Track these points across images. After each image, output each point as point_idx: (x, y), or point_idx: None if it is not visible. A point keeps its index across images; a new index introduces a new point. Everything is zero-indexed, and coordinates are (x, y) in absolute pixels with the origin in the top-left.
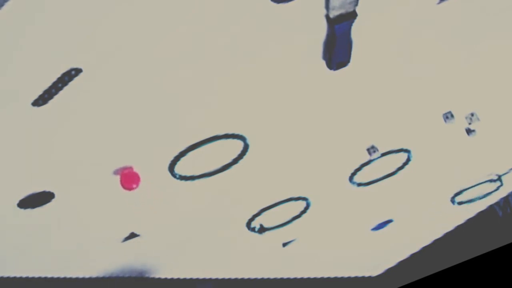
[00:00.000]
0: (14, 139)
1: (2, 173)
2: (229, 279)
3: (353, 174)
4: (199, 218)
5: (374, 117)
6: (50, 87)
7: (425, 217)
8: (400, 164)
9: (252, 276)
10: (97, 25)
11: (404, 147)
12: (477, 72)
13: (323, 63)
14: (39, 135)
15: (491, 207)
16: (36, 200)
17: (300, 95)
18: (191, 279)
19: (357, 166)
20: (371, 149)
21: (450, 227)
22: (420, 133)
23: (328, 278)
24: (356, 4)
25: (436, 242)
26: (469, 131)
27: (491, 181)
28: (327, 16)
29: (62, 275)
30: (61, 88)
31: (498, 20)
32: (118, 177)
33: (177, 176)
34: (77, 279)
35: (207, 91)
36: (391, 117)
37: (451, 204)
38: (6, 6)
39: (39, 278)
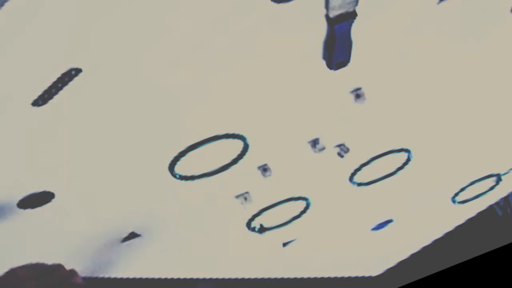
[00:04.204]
0: (14, 139)
1: (2, 173)
2: (229, 279)
3: (353, 174)
4: (199, 218)
5: (374, 117)
6: (50, 87)
7: (425, 217)
8: (400, 164)
9: (252, 276)
10: (97, 25)
11: (404, 147)
12: (477, 71)
13: (323, 63)
14: (39, 135)
15: (491, 207)
16: (36, 200)
17: (300, 95)
18: (191, 279)
19: (357, 166)
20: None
21: (450, 227)
22: (420, 133)
23: (328, 278)
24: (356, 4)
25: (436, 242)
26: None
27: (491, 180)
28: (327, 16)
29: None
30: (61, 88)
31: (498, 20)
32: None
33: (177, 176)
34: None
35: (207, 91)
36: (391, 117)
37: (452, 203)
38: (6, 6)
39: None
